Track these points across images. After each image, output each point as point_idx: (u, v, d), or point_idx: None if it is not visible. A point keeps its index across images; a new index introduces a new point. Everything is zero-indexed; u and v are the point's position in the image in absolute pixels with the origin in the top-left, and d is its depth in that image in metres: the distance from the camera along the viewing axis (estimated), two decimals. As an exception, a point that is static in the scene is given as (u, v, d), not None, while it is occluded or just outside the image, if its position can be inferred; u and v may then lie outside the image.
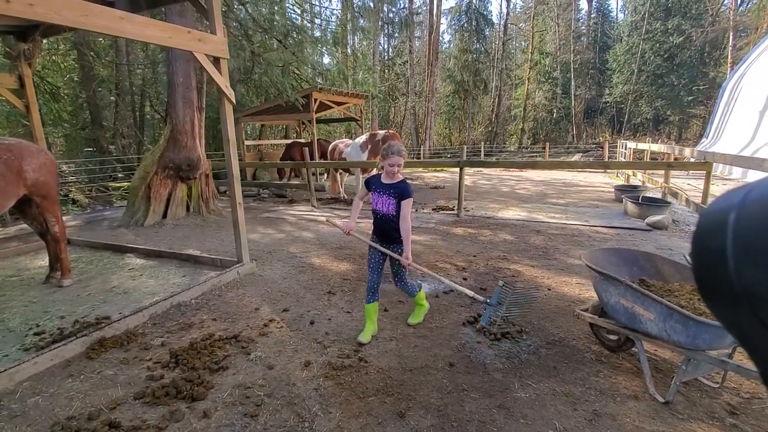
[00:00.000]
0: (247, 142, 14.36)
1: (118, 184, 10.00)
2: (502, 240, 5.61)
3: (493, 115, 33.51)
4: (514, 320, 3.07)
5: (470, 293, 2.79)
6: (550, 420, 2.05)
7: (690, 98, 27.43)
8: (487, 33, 33.19)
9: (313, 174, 13.31)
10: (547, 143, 22.05)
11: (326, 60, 26.82)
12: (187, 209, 7.55)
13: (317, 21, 18.79)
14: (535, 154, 25.42)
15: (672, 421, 2.03)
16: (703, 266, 0.39)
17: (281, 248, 5.38)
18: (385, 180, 2.76)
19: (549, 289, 3.79)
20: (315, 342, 2.86)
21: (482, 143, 17.46)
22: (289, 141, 15.08)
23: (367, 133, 8.81)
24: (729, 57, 23.47)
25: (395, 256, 2.79)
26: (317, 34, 18.27)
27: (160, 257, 4.83)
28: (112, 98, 12.31)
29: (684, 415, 2.07)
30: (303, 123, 14.93)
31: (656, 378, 2.35)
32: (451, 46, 35.09)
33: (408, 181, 2.84)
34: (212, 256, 4.73)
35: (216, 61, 3.80)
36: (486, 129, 33.85)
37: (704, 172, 5.47)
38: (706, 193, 5.49)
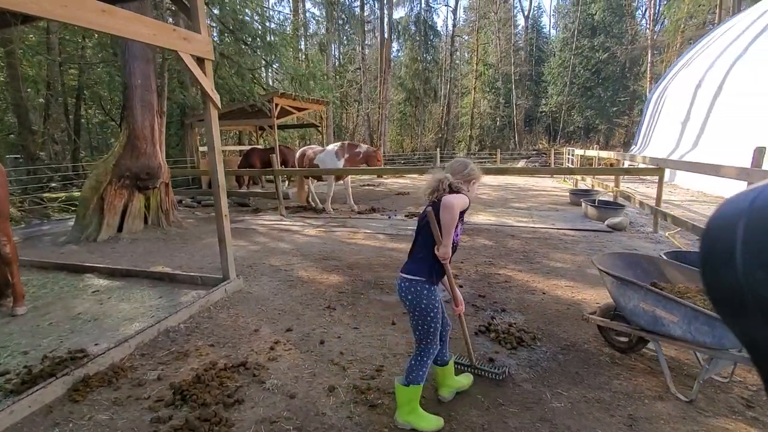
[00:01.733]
0: (202, 149, 13.55)
1: (55, 195, 8.90)
2: (482, 245, 5.72)
3: (443, 122, 34.52)
4: (526, 327, 3.12)
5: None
6: (593, 429, 2.08)
7: (615, 109, 30.17)
8: (435, 43, 34.26)
9: (269, 181, 12.89)
10: (498, 150, 23.08)
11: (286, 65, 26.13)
12: (145, 221, 6.91)
13: (272, 25, 18.24)
14: (483, 159, 26.52)
15: (701, 419, 2.14)
16: (712, 271, 0.39)
17: (261, 261, 5.07)
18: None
19: (544, 293, 3.90)
20: (332, 364, 2.69)
21: (437, 149, 17.89)
22: (247, 147, 14.44)
23: (339, 142, 8.66)
24: (648, 72, 26.17)
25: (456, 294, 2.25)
26: (271, 38, 17.76)
27: (128, 276, 4.34)
28: (42, 100, 10.99)
29: (709, 412, 2.20)
30: (261, 129, 14.35)
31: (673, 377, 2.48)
32: (402, 55, 35.72)
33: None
34: (191, 273, 4.34)
35: (201, 62, 3.51)
36: (436, 135, 34.77)
37: (650, 177, 5.99)
38: (659, 196, 6.00)
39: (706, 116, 11.70)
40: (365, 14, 32.33)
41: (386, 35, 26.73)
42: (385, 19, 26.93)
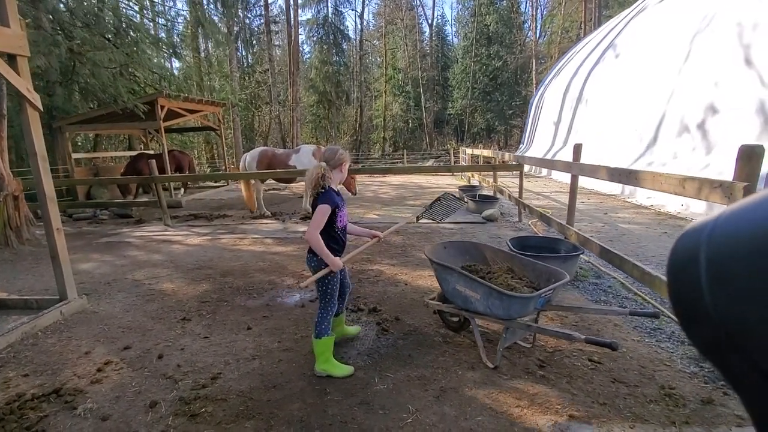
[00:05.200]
0: (76, 155, 12.05)
1: None
2: (365, 242, 5.89)
3: (357, 124, 34.94)
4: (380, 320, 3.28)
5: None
6: (404, 405, 2.26)
7: (510, 112, 33.13)
8: (344, 47, 34.55)
9: (166, 189, 11.92)
10: (405, 150, 23.93)
11: (177, 64, 24.28)
12: (-13, 242, 5.96)
13: (161, 20, 16.83)
14: (396, 160, 27.40)
15: (500, 382, 2.44)
16: (685, 317, 0.37)
17: (123, 277, 4.67)
18: (336, 188, 2.58)
19: (406, 284, 4.14)
20: (164, 378, 2.57)
21: (347, 152, 18.12)
22: (134, 153, 13.19)
23: (308, 144, 8.47)
24: (534, 78, 29.21)
25: (380, 235, 2.88)
26: (161, 35, 16.37)
27: (-61, 308, 3.70)
28: None
29: (508, 375, 2.51)
30: (150, 132, 13.23)
31: (489, 348, 2.79)
32: (312, 56, 35.42)
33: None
34: (24, 297, 3.84)
35: (12, 59, 3.12)
36: (351, 138, 35.08)
37: (519, 171, 6.71)
38: (521, 187, 6.74)
39: (572, 118, 13.39)
40: (272, 14, 31.51)
41: (293, 36, 26.26)
42: (292, 20, 26.45)
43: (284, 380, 2.52)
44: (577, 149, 4.48)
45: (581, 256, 4.67)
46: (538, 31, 32.19)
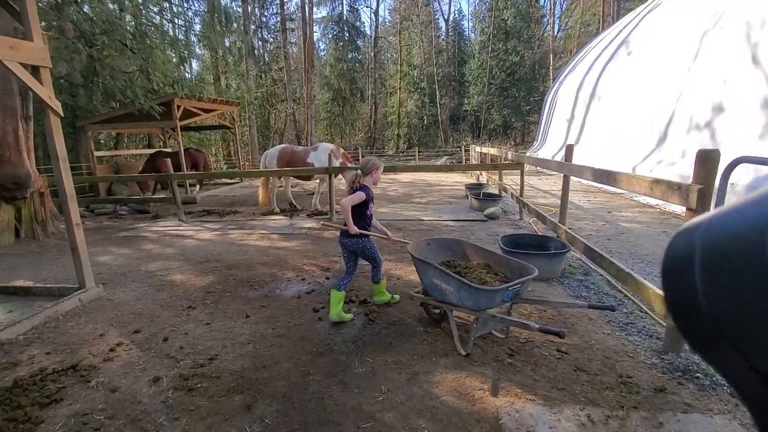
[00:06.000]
0: (98, 153, 12.65)
1: None
2: (380, 234, 6.12)
3: (371, 121, 35.17)
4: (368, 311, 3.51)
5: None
6: (378, 385, 2.48)
7: (528, 108, 32.70)
8: (360, 44, 34.75)
9: (181, 185, 12.42)
10: (417, 148, 23.99)
11: (195, 65, 24.96)
12: (17, 234, 6.45)
13: (179, 22, 17.40)
14: (409, 157, 27.50)
15: (468, 368, 2.64)
16: (681, 316, 0.37)
17: (138, 268, 5.03)
18: (372, 188, 3.39)
19: (398, 279, 4.36)
20: (167, 358, 2.86)
21: (358, 149, 18.34)
22: (152, 151, 13.74)
23: (327, 143, 8.89)
24: (551, 74, 28.79)
25: (378, 234, 3.56)
26: (180, 36, 16.93)
27: (-25, 294, 4.11)
28: None
29: (477, 362, 2.70)
30: (167, 131, 13.76)
31: (466, 338, 2.97)
32: (326, 54, 35.73)
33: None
34: (48, 285, 4.22)
35: (35, 70, 3.46)
36: (365, 134, 35.35)
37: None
38: (522, 186, 6.83)
39: (585, 115, 13.28)
40: (288, 12, 31.95)
41: (308, 34, 26.62)
42: (307, 18, 26.80)
43: (273, 362, 2.77)
44: (569, 150, 4.59)
45: (573, 253, 4.79)
46: (556, 26, 31.66)
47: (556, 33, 31.61)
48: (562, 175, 4.75)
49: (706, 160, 2.34)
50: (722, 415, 2.14)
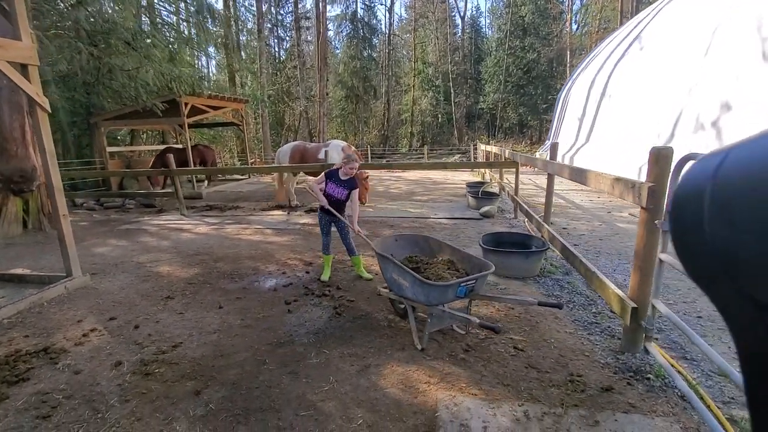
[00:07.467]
0: (111, 149, 13.06)
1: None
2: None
3: (384, 119, 35.14)
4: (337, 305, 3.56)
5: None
6: (327, 376, 2.52)
7: (544, 105, 32.08)
8: (374, 42, 34.75)
9: (189, 181, 12.73)
10: (425, 146, 23.88)
11: (212, 63, 25.46)
12: (25, 225, 6.76)
13: (193, 20, 17.79)
14: (421, 155, 27.40)
15: (422, 362, 2.65)
16: (683, 245, 0.38)
17: (130, 259, 5.21)
18: (342, 176, 3.98)
19: (376, 274, 4.37)
20: (134, 344, 2.97)
21: (368, 147, 18.42)
22: (162, 147, 14.12)
23: (338, 140, 9.06)
24: (568, 72, 28.19)
25: (344, 220, 4.08)
26: (193, 34, 17.32)
27: (-27, 280, 4.34)
28: None
29: (431, 356, 2.72)
30: (176, 128, 14.10)
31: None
32: (341, 52, 35.88)
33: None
34: (40, 273, 4.42)
35: (24, 68, 3.62)
36: (379, 132, 35.36)
37: (515, 169, 6.74)
38: (516, 184, 6.75)
39: (595, 114, 12.98)
40: (302, 10, 32.24)
41: (321, 32, 26.80)
42: (320, 16, 26.97)
43: (233, 351, 2.85)
44: (554, 148, 4.54)
45: (556, 253, 4.72)
46: (573, 23, 30.97)
47: (574, 30, 30.91)
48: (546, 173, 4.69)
49: (659, 158, 2.29)
50: (665, 417, 2.10)
